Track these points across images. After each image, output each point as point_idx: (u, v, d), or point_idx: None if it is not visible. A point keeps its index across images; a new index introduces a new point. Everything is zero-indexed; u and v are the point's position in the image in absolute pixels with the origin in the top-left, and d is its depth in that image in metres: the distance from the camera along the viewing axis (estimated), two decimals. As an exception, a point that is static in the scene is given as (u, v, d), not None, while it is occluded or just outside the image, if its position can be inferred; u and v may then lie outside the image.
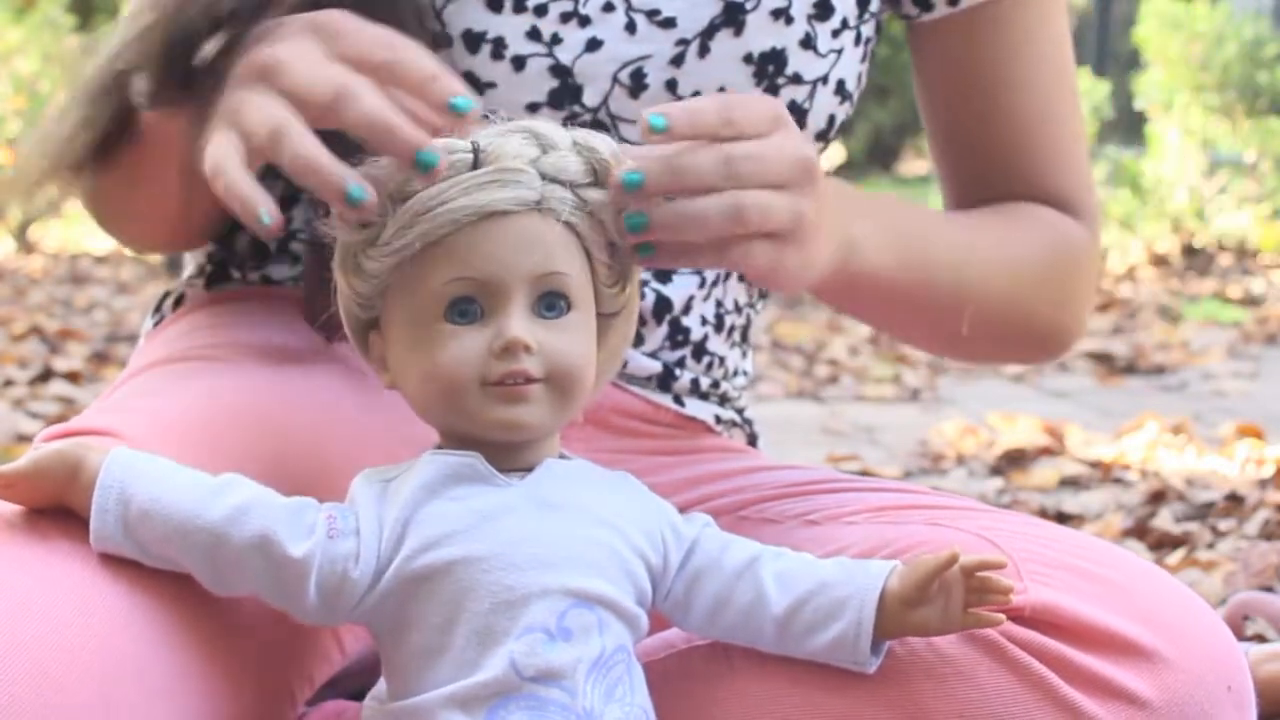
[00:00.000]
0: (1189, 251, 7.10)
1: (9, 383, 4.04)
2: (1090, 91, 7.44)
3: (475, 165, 1.02)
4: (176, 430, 1.16)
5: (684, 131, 1.03)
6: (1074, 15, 14.26)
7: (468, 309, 1.01)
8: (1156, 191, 7.17)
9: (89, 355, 4.53)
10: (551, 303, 1.02)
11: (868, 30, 1.33)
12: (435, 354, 1.01)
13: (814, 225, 1.08)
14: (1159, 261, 7.04)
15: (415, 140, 1.01)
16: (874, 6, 1.33)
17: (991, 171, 1.39)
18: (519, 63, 1.25)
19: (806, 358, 5.05)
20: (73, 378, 4.16)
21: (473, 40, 1.25)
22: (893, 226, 1.24)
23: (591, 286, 1.05)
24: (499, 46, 1.25)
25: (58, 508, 1.05)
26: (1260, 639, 1.94)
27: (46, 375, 4.16)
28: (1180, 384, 4.61)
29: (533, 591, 1.00)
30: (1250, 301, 6.20)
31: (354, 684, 1.32)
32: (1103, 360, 4.97)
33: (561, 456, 1.06)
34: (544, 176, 1.02)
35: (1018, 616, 1.07)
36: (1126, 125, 8.88)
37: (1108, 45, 11.50)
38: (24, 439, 3.25)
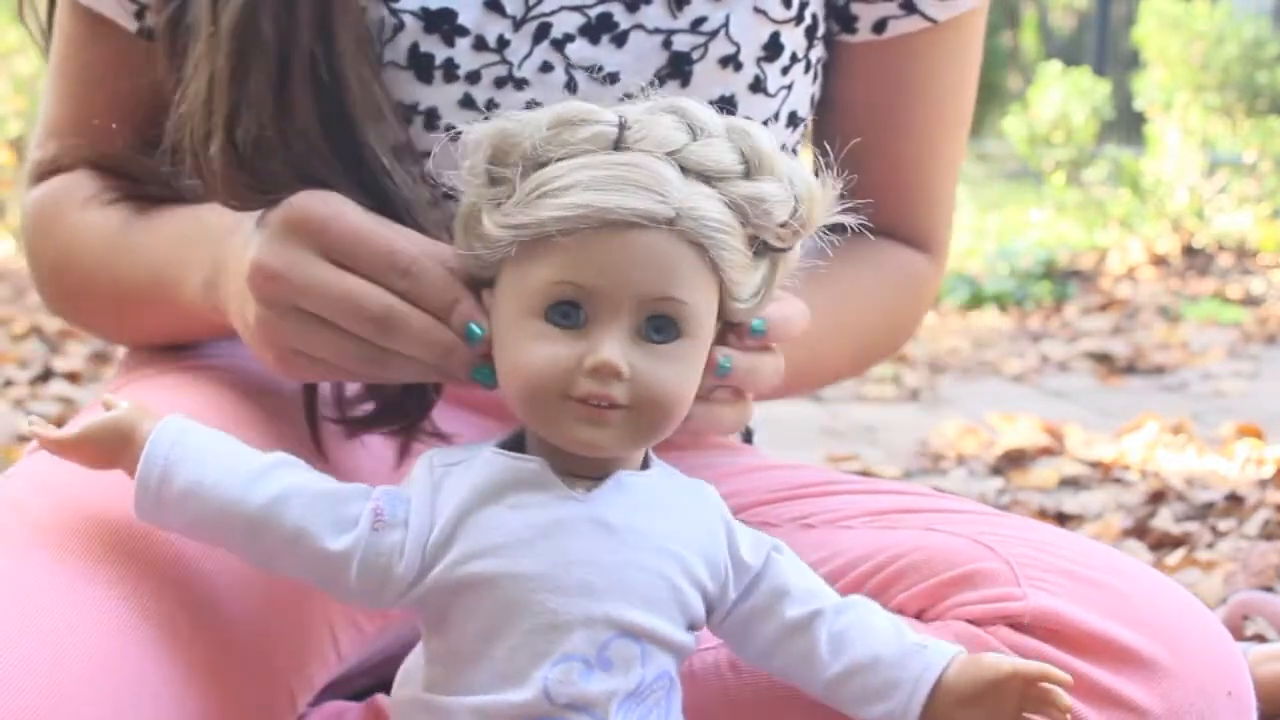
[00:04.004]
0: (1189, 251, 7.10)
1: (9, 383, 4.04)
2: (1090, 91, 7.44)
3: (618, 143, 0.97)
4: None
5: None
6: (1074, 15, 14.26)
7: (571, 313, 0.95)
8: (1156, 191, 7.16)
9: (89, 355, 4.52)
10: (660, 325, 0.96)
11: (816, 54, 1.29)
12: (527, 352, 0.96)
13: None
14: (1159, 261, 7.04)
15: (470, 359, 1.03)
16: (820, 31, 1.29)
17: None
18: None
19: (806, 358, 5.04)
20: (73, 378, 4.16)
21: (404, 113, 1.19)
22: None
23: (714, 313, 0.99)
24: (431, 118, 1.20)
25: (53, 504, 1.06)
26: (1260, 639, 1.94)
27: (46, 375, 4.16)
28: (1180, 384, 4.60)
29: (577, 619, 0.96)
30: (1250, 301, 6.19)
31: (355, 686, 1.33)
32: (1103, 360, 4.97)
33: (644, 465, 1.02)
34: (687, 170, 0.96)
35: (1017, 624, 1.07)
36: (1126, 125, 8.89)
37: (1108, 45, 11.49)
38: (24, 439, 3.25)
